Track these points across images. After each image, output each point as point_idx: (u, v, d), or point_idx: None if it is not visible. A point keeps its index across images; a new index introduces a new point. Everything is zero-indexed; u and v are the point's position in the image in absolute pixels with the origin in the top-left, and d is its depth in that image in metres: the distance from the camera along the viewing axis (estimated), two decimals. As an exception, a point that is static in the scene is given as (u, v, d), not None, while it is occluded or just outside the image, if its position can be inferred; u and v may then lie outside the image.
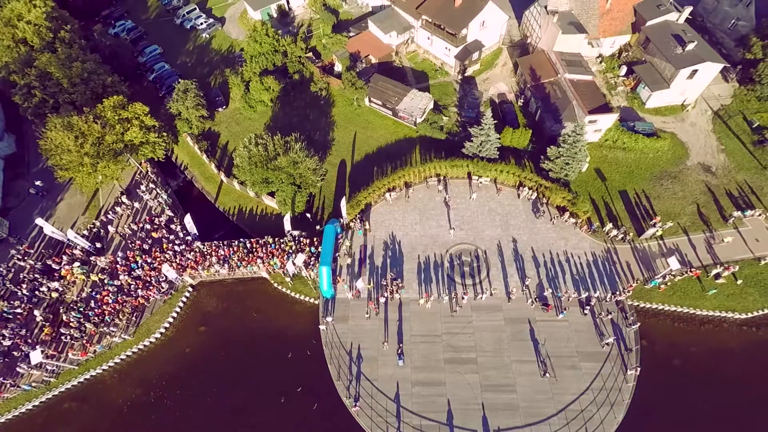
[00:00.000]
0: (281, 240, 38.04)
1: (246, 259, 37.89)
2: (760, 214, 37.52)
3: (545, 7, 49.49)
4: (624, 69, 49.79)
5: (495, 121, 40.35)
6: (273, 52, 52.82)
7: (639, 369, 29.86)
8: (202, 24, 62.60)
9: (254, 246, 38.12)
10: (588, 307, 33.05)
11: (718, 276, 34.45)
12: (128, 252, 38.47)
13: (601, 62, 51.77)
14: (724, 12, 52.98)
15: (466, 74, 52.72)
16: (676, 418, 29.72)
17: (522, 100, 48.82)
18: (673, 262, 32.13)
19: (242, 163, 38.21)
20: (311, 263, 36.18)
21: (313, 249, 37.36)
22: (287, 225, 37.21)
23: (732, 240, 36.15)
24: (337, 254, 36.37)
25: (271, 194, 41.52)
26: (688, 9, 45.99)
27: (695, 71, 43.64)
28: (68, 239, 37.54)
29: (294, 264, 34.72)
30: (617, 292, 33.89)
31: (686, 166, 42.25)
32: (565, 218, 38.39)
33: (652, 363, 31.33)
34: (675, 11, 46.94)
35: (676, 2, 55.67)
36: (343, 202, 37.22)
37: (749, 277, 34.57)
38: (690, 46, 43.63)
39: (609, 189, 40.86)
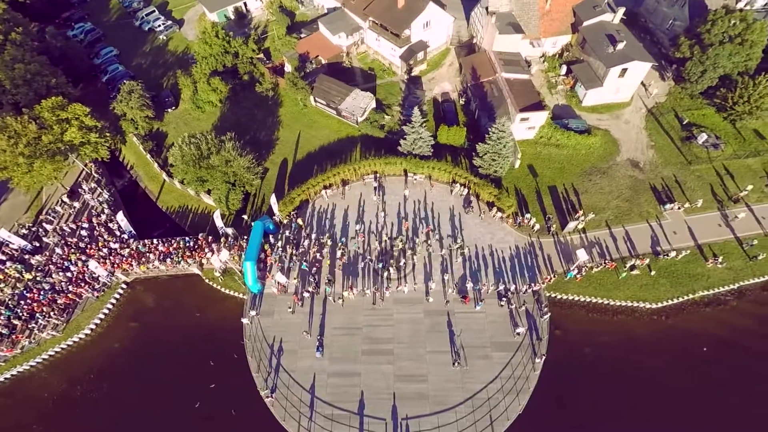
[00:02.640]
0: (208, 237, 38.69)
1: (185, 256, 38.94)
2: (679, 207, 38.95)
3: (486, 8, 50.77)
4: (564, 68, 51.19)
5: (425, 119, 41.51)
6: (223, 53, 53.72)
7: (544, 357, 30.94)
8: (160, 26, 63.31)
9: (196, 243, 38.93)
10: (505, 299, 34.15)
11: (633, 267, 35.55)
12: (64, 250, 39.25)
13: (543, 62, 53.12)
14: (663, 12, 54.31)
15: (412, 74, 53.77)
16: (579, 404, 30.63)
17: (464, 99, 50.02)
18: (582, 254, 33.14)
19: (176, 162, 39.04)
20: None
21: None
22: (218, 222, 38.01)
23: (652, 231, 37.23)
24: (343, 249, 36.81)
25: (210, 192, 42.53)
26: (621, 10, 47.16)
27: (625, 70, 45.26)
28: (2, 238, 38.23)
29: (220, 260, 35.57)
30: (534, 284, 34.89)
31: (616, 162, 43.38)
32: (493, 213, 39.46)
33: (563, 352, 32.37)
34: (610, 12, 48.37)
35: (615, 3, 57.46)
36: (273, 199, 38.05)
37: (663, 268, 35.66)
38: (620, 46, 44.81)
39: (540, 184, 41.95)
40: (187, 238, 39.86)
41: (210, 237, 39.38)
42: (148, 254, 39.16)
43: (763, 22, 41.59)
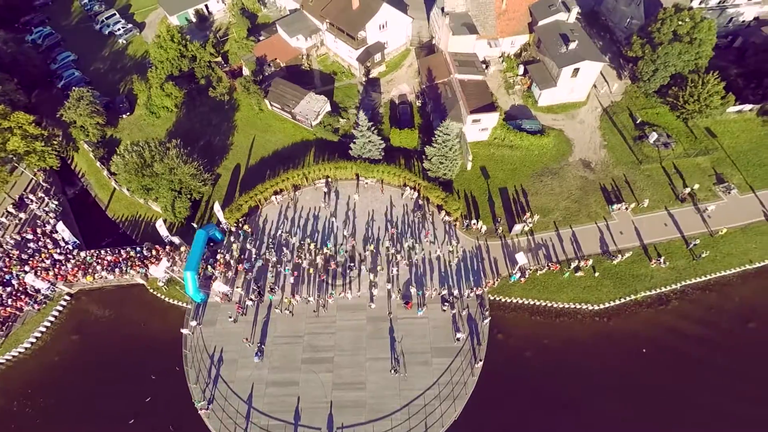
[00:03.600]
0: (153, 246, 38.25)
1: (135, 265, 38.40)
2: (626, 208, 38.98)
3: (441, 9, 50.44)
4: (521, 68, 51.05)
5: (372, 123, 41.14)
6: (179, 57, 53.11)
7: (482, 362, 30.83)
8: (119, 30, 62.41)
9: (150, 252, 38.42)
10: (447, 304, 34.01)
11: (578, 269, 35.56)
12: (5, 262, 38.45)
13: (502, 62, 52.93)
14: (621, 11, 54.29)
15: (371, 76, 53.47)
16: (516, 408, 30.38)
17: (421, 101, 49.74)
18: (521, 258, 33.01)
19: (118, 171, 38.44)
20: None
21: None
22: (162, 231, 37.48)
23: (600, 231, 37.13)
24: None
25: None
26: (575, 9, 46.95)
27: (577, 70, 45.14)
28: (-58, 250, 37.51)
29: (165, 271, 35.12)
30: (478, 288, 34.73)
31: (568, 163, 43.28)
32: (442, 216, 39.31)
33: (503, 356, 32.29)
34: (565, 11, 48.22)
35: (576, 2, 57.45)
36: (217, 206, 37.51)
37: (607, 269, 35.64)
38: (572, 45, 44.66)
39: (491, 186, 41.87)
40: (138, 248, 39.66)
41: (168, 246, 38.87)
42: (95, 264, 38.91)
43: (710, 21, 41.62)
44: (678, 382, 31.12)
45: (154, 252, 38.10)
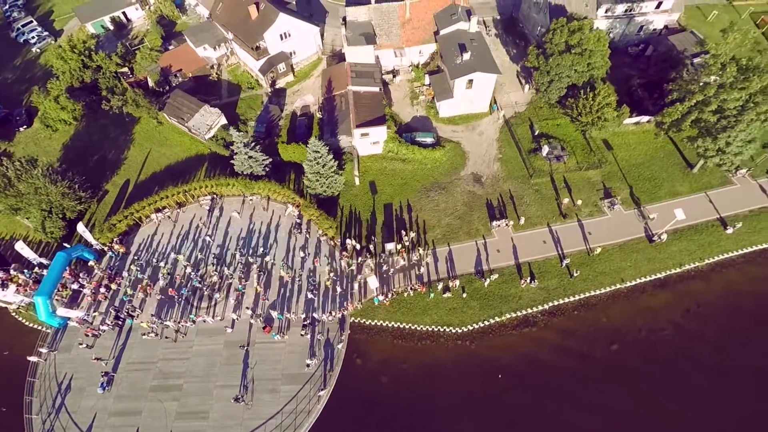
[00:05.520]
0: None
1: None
2: (506, 225, 38.28)
3: (343, 18, 49.39)
4: (427, 78, 50.20)
5: (248, 139, 40.09)
6: (82, 68, 51.88)
7: (330, 389, 30.00)
8: (34, 38, 61.18)
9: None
10: (307, 327, 33.02)
11: (446, 289, 34.92)
12: None
13: (411, 71, 52.02)
14: (533, 18, 53.36)
15: (277, 86, 52.43)
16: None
17: (321, 113, 48.79)
18: (372, 282, 32.20)
19: (-23, 190, 37.28)
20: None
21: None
22: (25, 252, 36.12)
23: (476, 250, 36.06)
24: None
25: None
26: (475, 18, 46.02)
27: (471, 81, 44.26)
28: None
29: (14, 294, 34.02)
30: (341, 310, 33.73)
31: (459, 177, 42.41)
32: (321, 235, 38.48)
33: (358, 382, 31.44)
34: (466, 20, 47.27)
35: (499, 7, 56.48)
36: (81, 226, 36.49)
37: (476, 290, 34.86)
38: (466, 56, 43.78)
39: (377, 202, 40.98)
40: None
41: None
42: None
43: (598, 32, 40.74)
44: (532, 409, 30.33)
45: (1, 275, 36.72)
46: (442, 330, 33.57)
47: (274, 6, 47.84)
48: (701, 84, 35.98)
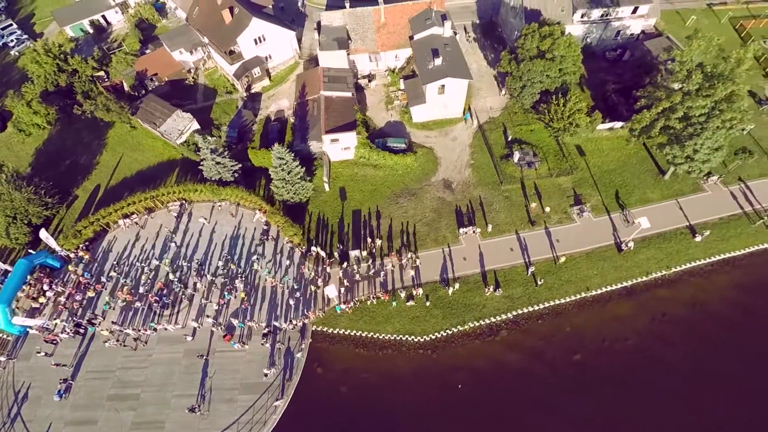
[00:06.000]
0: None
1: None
2: (474, 232, 38.00)
3: (317, 23, 49.20)
4: (403, 83, 49.93)
5: (219, 144, 39.89)
6: (57, 71, 51.73)
7: (288, 399, 29.71)
8: (13, 41, 61.14)
9: None
10: (266, 337, 32.64)
11: (410, 298, 34.56)
12: None
13: (387, 76, 51.78)
14: (511, 23, 53.12)
15: (253, 90, 52.15)
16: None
17: (294, 118, 48.54)
18: (331, 291, 31.99)
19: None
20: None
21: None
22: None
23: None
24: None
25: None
26: (449, 24, 45.71)
27: (443, 86, 44.01)
28: None
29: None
30: (303, 318, 33.41)
31: (429, 183, 42.07)
32: (286, 242, 38.23)
33: (317, 391, 31.10)
34: (440, 25, 46.95)
35: (479, 12, 56.22)
36: (44, 233, 36.30)
37: (440, 299, 34.47)
38: (437, 62, 43.49)
39: (346, 209, 40.70)
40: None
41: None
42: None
43: (569, 37, 40.47)
44: (492, 419, 29.83)
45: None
46: (404, 339, 33.23)
47: (248, 11, 47.73)
48: (668, 91, 35.91)
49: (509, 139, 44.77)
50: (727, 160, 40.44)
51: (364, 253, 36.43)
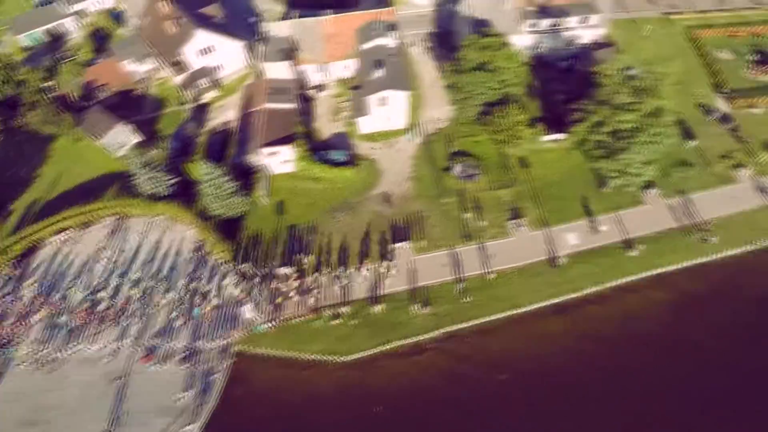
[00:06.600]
0: None
1: None
2: (407, 247, 37.06)
3: (262, 33, 48.71)
4: (351, 94, 49.52)
5: (155, 158, 39.38)
6: (2, 83, 51.20)
7: (201, 423, 29.14)
8: (-38, 51, 60.71)
9: None
10: (186, 360, 31.89)
11: (336, 316, 33.91)
12: None
13: (336, 87, 51.28)
14: (463, 34, 52.84)
15: (202, 101, 51.51)
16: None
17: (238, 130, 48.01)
18: (246, 311, 31.44)
19: None
20: None
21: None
22: None
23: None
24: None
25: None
26: (394, 33, 45.44)
27: (385, 98, 43.55)
28: None
29: None
30: (224, 338, 32.69)
31: (369, 196, 41.34)
32: (216, 260, 37.58)
33: (233, 414, 30.21)
34: (386, 36, 46.58)
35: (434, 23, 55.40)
36: (-33, 251, 35.81)
37: (367, 317, 33.79)
38: (379, 73, 43.03)
39: (282, 223, 40.20)
40: None
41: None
42: None
43: (507, 50, 40.10)
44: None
45: None
46: (327, 359, 32.62)
47: (193, 22, 47.34)
48: (599, 104, 35.46)
49: (453, 151, 44.42)
50: (669, 173, 40.32)
51: (293, 270, 35.97)
